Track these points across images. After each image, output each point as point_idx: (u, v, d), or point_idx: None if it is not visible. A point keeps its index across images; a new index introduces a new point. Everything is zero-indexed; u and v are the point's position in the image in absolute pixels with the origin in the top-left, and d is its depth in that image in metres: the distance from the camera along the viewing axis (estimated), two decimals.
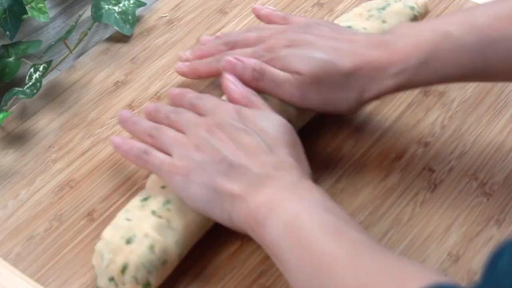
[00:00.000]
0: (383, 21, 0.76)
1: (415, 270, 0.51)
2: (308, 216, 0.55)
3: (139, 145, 0.65)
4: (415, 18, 0.78)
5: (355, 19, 0.77)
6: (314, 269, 0.53)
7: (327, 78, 0.65)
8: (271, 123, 0.62)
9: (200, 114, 0.65)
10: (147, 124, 0.66)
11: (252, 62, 0.67)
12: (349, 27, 0.75)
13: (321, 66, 0.65)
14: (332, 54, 0.66)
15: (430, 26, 0.66)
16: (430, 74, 0.65)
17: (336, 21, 0.78)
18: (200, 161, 0.60)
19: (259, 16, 0.76)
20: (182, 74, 0.75)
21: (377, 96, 0.66)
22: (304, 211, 0.56)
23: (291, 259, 0.55)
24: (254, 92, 0.66)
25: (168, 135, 0.64)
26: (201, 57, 0.74)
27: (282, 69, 0.67)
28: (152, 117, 0.67)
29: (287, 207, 0.56)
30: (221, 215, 0.60)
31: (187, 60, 0.75)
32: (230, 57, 0.68)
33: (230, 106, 0.64)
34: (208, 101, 0.66)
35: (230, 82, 0.67)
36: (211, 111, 0.64)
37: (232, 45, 0.72)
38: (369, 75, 0.65)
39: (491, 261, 0.41)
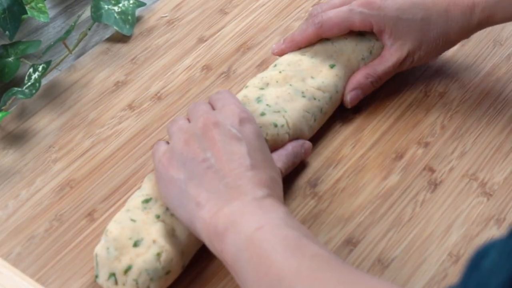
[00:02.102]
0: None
1: (377, 285, 0.51)
2: (270, 230, 0.55)
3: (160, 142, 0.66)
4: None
5: None
6: (272, 282, 0.52)
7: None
8: (263, 147, 0.62)
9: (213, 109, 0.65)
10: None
11: None
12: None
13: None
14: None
15: None
16: (509, 10, 0.70)
17: None
18: (184, 156, 0.60)
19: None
20: (282, 51, 0.76)
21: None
22: (267, 225, 0.55)
23: (249, 272, 0.54)
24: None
25: (177, 124, 0.64)
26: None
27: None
28: None
29: (249, 220, 0.56)
30: (183, 215, 0.59)
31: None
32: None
33: (237, 110, 0.63)
34: (222, 98, 0.66)
35: None
36: (220, 108, 0.64)
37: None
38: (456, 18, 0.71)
39: (472, 262, 0.41)
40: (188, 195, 0.59)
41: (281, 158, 0.67)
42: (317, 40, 0.75)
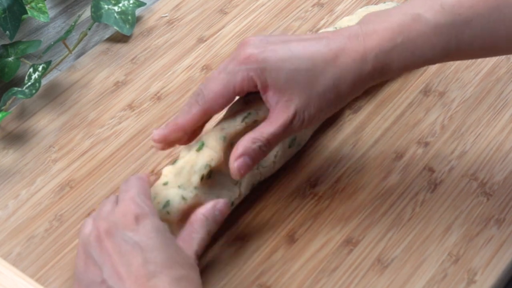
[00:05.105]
0: None
1: None
2: None
3: None
4: None
5: None
6: None
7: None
8: (165, 243, 0.57)
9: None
10: None
11: None
12: None
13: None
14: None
15: (399, 11, 0.63)
16: (406, 57, 0.62)
17: (339, 23, 0.77)
18: (85, 281, 0.57)
19: None
20: (163, 136, 0.65)
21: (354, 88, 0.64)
22: None
23: None
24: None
25: (82, 232, 0.60)
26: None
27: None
28: None
29: None
30: None
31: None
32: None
33: (132, 206, 0.59)
34: (124, 190, 0.61)
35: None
36: (118, 205, 0.60)
37: None
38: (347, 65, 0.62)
39: None
40: None
41: (192, 239, 0.61)
42: (205, 119, 0.65)
